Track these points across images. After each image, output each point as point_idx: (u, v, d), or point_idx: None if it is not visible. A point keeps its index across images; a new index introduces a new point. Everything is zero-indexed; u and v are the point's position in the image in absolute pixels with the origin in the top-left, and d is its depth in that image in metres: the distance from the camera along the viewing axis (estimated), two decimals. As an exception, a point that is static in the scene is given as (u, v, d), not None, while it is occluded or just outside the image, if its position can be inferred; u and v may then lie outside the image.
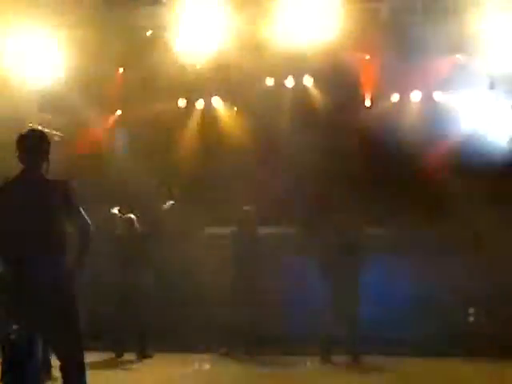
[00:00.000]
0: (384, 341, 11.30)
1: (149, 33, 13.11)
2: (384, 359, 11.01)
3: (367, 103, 15.82)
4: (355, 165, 16.40)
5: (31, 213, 5.46)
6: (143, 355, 11.29)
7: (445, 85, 14.97)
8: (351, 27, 12.51)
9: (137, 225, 11.65)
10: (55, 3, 12.39)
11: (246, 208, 11.81)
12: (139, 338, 11.36)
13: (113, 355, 11.18)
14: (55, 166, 6.00)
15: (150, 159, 14.99)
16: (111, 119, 16.10)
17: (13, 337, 7.62)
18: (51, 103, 14.73)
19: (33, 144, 5.80)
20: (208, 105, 16.43)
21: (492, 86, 12.87)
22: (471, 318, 12.18)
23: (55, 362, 5.74)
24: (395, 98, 15.78)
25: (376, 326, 11.23)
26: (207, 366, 10.93)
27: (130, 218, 11.70)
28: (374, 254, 11.55)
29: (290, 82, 15.65)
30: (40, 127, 14.84)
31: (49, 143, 5.89)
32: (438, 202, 13.67)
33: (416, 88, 15.47)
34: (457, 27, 12.08)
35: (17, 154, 5.87)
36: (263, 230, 12.77)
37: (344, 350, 11.05)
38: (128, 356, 11.33)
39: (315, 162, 16.22)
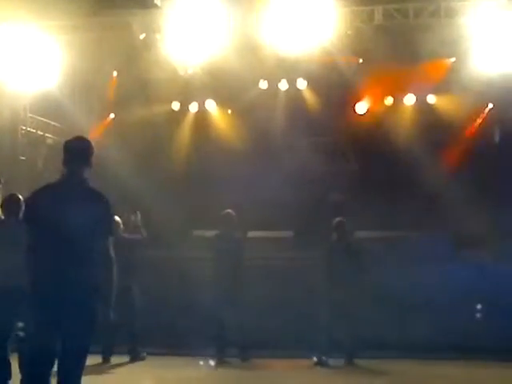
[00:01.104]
0: (382, 343, 11.31)
1: (142, 36, 13.11)
2: (381, 362, 10.97)
3: (361, 106, 15.87)
4: (349, 167, 16.46)
5: (68, 220, 5.42)
6: (136, 358, 11.23)
7: (438, 88, 15.04)
8: (344, 30, 12.56)
9: (121, 228, 11.32)
10: (50, 7, 12.39)
11: (226, 211, 11.66)
12: (132, 341, 11.27)
13: (100, 359, 11.03)
14: (50, 168, 5.98)
15: (143, 161, 15.00)
16: (105, 122, 16.12)
17: (21, 335, 7.66)
18: (44, 106, 14.75)
19: (79, 151, 5.75)
20: (202, 108, 16.45)
21: None
22: (478, 315, 12.13)
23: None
24: (389, 100, 15.81)
25: (373, 328, 11.24)
26: (202, 370, 10.90)
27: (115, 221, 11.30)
28: (372, 255, 11.57)
29: (283, 85, 15.67)
30: (33, 130, 15.00)
31: (93, 151, 5.80)
32: (435, 204, 13.70)
33: (410, 91, 15.51)
34: (449, 30, 12.12)
35: (62, 158, 5.80)
36: (257, 234, 12.74)
37: (342, 352, 11.00)
38: (120, 359, 11.24)
39: (309, 165, 16.26)
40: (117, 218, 11.24)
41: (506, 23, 11.82)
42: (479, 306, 12.03)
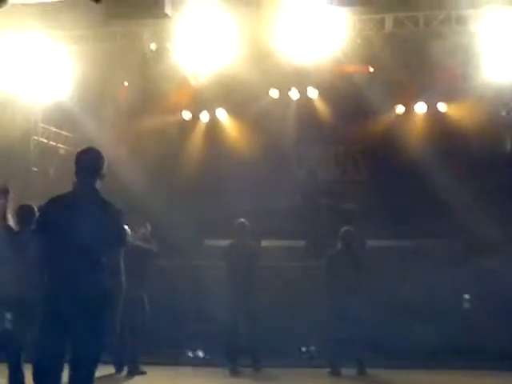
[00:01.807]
0: (389, 352, 11.28)
1: (153, 46, 13.14)
2: (392, 371, 10.93)
3: (372, 114, 15.86)
4: (361, 176, 16.44)
5: (80, 229, 5.46)
6: (135, 371, 11.00)
7: (449, 96, 15.02)
8: (355, 39, 12.55)
9: (130, 236, 11.20)
10: (61, 18, 12.44)
11: (240, 220, 11.69)
12: (134, 353, 11.02)
13: (110, 370, 10.88)
14: (62, 179, 5.99)
15: (154, 171, 15.02)
16: (116, 132, 16.15)
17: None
18: (56, 116, 14.81)
19: (89, 162, 5.77)
20: (213, 117, 16.47)
21: None
22: (466, 305, 12.14)
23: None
24: (400, 109, 15.79)
25: (382, 337, 11.22)
26: (214, 380, 10.85)
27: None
28: (379, 264, 11.56)
29: (294, 94, 15.69)
30: (44, 140, 15.05)
31: (104, 162, 5.83)
32: (446, 212, 13.65)
33: (421, 99, 15.50)
34: (460, 38, 12.11)
35: (74, 170, 5.82)
36: (268, 243, 12.72)
37: (352, 360, 10.96)
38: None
39: (320, 174, 16.26)
40: (125, 226, 11.12)
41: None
42: (467, 296, 12.04)
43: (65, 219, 5.54)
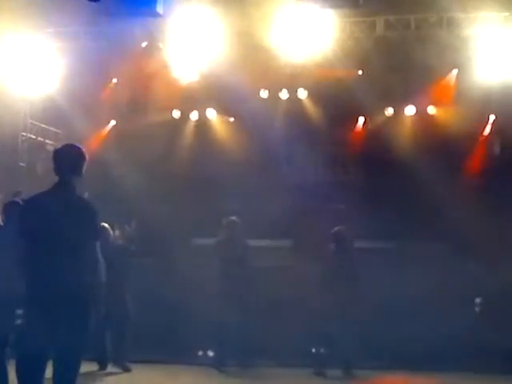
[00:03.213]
0: (381, 353, 11.30)
1: (144, 44, 13.13)
2: (379, 372, 10.95)
3: (361, 116, 15.88)
4: (349, 177, 16.45)
5: (60, 225, 5.47)
6: (124, 368, 10.84)
7: (439, 99, 15.05)
8: (345, 41, 12.58)
9: (113, 235, 11.11)
10: (51, 14, 12.41)
11: (232, 218, 11.71)
12: (120, 350, 11.06)
13: (94, 367, 10.85)
14: (50, 174, 5.98)
15: (143, 169, 14.98)
16: (105, 130, 16.12)
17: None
18: (44, 112, 14.76)
19: (69, 159, 5.75)
20: (202, 116, 16.45)
21: None
22: (477, 309, 12.17)
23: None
24: (390, 111, 15.82)
25: (372, 338, 11.23)
26: (201, 378, 10.85)
27: (104, 227, 10.57)
28: (370, 265, 11.58)
29: (284, 95, 15.69)
30: (33, 136, 15.00)
31: (85, 159, 5.80)
32: (434, 214, 13.68)
33: (410, 102, 15.53)
34: (451, 41, 12.14)
35: (53, 166, 5.79)
36: (256, 243, 12.72)
37: (338, 362, 10.98)
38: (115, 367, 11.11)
39: (309, 174, 16.27)
40: (106, 224, 11.04)
41: (507, 34, 11.85)
42: (478, 300, 12.09)
43: (43, 218, 5.56)
